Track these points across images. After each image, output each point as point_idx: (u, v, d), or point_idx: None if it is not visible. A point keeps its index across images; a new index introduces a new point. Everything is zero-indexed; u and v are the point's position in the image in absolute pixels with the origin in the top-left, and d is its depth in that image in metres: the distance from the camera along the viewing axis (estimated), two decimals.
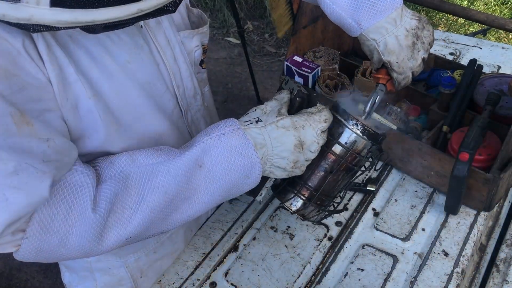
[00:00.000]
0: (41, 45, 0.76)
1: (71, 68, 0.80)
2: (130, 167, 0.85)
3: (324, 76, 1.42)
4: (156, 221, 0.87)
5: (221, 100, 3.56)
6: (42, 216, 0.77)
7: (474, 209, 1.20)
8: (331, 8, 0.98)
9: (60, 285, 1.47)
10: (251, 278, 1.09)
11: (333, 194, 1.02)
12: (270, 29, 4.22)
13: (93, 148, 0.89)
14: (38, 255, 0.80)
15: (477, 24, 3.58)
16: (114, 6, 0.65)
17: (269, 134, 0.88)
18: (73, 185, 0.80)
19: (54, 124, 0.79)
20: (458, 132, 1.23)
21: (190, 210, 0.89)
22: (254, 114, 0.91)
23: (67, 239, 0.80)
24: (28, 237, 0.77)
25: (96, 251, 0.84)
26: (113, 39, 0.85)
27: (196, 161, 0.86)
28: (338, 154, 0.96)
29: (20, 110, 0.72)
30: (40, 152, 0.74)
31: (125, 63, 0.87)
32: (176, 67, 0.99)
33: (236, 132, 0.87)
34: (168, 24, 0.96)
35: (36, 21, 0.63)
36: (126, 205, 0.83)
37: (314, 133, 0.89)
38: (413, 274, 1.07)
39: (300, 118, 0.89)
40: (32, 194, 0.73)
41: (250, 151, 0.87)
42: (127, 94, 0.89)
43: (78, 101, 0.82)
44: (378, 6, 0.95)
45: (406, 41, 0.97)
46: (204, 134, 0.89)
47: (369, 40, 0.98)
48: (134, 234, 0.85)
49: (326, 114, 0.91)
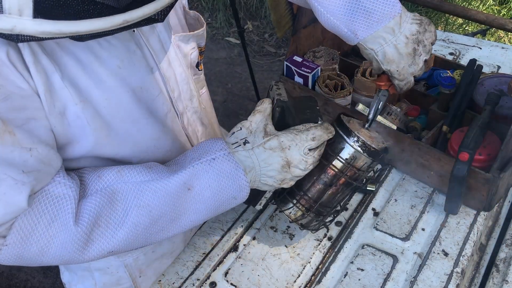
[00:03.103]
0: (27, 54, 0.75)
1: (56, 75, 0.79)
2: (117, 183, 0.86)
3: (324, 76, 1.42)
4: (140, 237, 0.88)
5: (221, 100, 3.56)
6: (23, 225, 0.78)
7: (474, 209, 1.20)
8: (325, 17, 0.95)
9: (60, 285, 1.47)
10: (251, 278, 1.09)
11: (332, 205, 1.03)
12: (270, 29, 4.22)
13: (83, 153, 0.89)
14: (18, 261, 0.81)
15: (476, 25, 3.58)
16: (98, 18, 0.64)
17: (257, 156, 0.89)
18: (56, 197, 0.81)
19: (38, 133, 0.79)
20: (458, 132, 1.23)
21: (175, 229, 0.91)
22: (240, 135, 0.91)
23: (47, 248, 0.81)
24: (7, 244, 0.78)
25: (77, 261, 0.85)
26: (103, 44, 0.84)
27: (185, 184, 0.87)
28: (338, 169, 0.97)
29: (2, 119, 0.72)
30: (21, 162, 0.75)
31: (116, 68, 0.87)
32: (171, 70, 0.98)
33: (226, 157, 0.89)
34: (163, 28, 0.95)
35: (19, 32, 0.62)
36: (110, 220, 0.84)
37: (301, 152, 0.89)
38: (413, 274, 1.07)
39: (286, 138, 0.89)
40: (10, 204, 0.75)
41: (240, 176, 0.89)
42: (118, 99, 0.88)
43: (65, 107, 0.82)
44: (374, 16, 0.91)
45: (406, 49, 0.94)
46: (194, 157, 0.90)
47: (367, 49, 0.95)
48: (117, 248, 0.86)
49: (315, 132, 0.90)
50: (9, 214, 0.75)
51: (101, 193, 0.84)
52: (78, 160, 0.91)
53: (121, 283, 1.16)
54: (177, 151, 1.05)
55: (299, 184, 0.99)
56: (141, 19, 0.69)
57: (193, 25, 1.10)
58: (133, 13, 0.67)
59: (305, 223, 1.02)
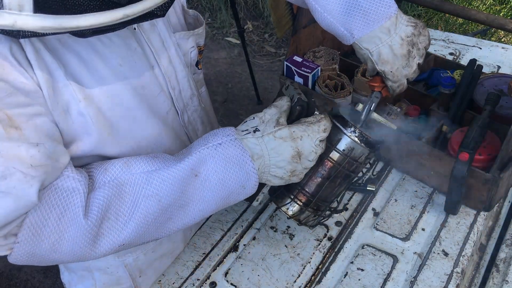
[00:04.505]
0: (29, 50, 0.76)
1: (60, 72, 0.80)
2: (124, 174, 0.85)
3: (324, 76, 1.42)
4: (151, 228, 0.87)
5: (221, 100, 3.56)
6: (34, 221, 0.78)
7: (474, 209, 1.20)
8: (322, 16, 0.95)
9: (60, 285, 1.47)
10: (251, 278, 1.09)
11: (330, 199, 1.03)
12: (270, 29, 4.22)
13: (86, 151, 0.89)
14: (30, 259, 0.81)
15: (476, 25, 3.58)
16: (98, 12, 0.65)
17: (267, 144, 0.88)
18: (64, 191, 0.80)
19: (44, 129, 0.79)
20: (458, 132, 1.23)
21: (185, 219, 0.90)
22: (252, 123, 0.91)
23: (58, 244, 0.80)
24: (19, 241, 0.78)
25: (89, 257, 0.84)
26: (105, 42, 0.85)
27: (192, 170, 0.86)
28: (336, 161, 0.97)
29: (8, 115, 0.72)
30: (28, 157, 0.74)
31: (117, 66, 0.87)
32: (171, 68, 0.99)
33: (233, 143, 0.88)
34: (163, 26, 0.96)
35: (20, 27, 0.63)
36: (120, 212, 0.84)
37: (312, 144, 0.89)
38: (413, 274, 1.07)
39: (298, 129, 0.89)
40: (20, 199, 0.74)
41: (247, 162, 0.88)
42: (119, 97, 0.88)
43: (69, 104, 0.82)
44: (371, 16, 0.92)
45: (401, 50, 0.94)
46: (200, 142, 0.89)
47: (362, 49, 0.95)
48: (128, 241, 0.85)
49: (326, 124, 0.91)
50: (20, 209, 0.74)
51: (109, 185, 0.84)
52: (81, 159, 0.90)
53: (121, 283, 1.16)
54: (178, 150, 1.05)
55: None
56: (142, 14, 0.69)
57: (192, 24, 1.10)
58: (134, 7, 0.67)
59: (302, 219, 1.02)
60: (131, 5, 0.67)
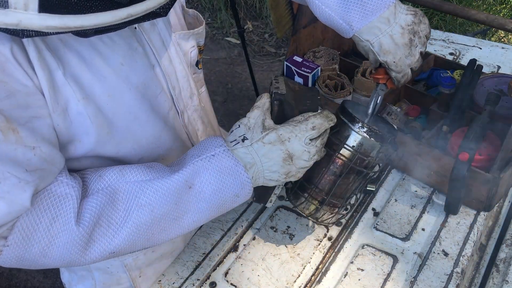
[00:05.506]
0: (31, 51, 0.75)
1: (59, 71, 0.79)
2: (118, 182, 0.85)
3: (324, 76, 1.42)
4: (142, 237, 0.87)
5: (221, 100, 3.56)
6: (25, 225, 0.78)
7: (474, 209, 1.20)
8: (320, 9, 0.95)
9: (60, 285, 1.47)
10: (251, 278, 1.09)
11: (345, 196, 1.01)
12: (270, 29, 4.22)
13: (85, 152, 0.89)
14: (20, 262, 0.81)
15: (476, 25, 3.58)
16: (103, 12, 0.65)
17: (257, 152, 0.88)
18: (57, 196, 0.80)
19: (41, 132, 0.79)
20: (458, 132, 1.23)
21: (178, 229, 0.90)
22: (238, 132, 0.91)
23: (48, 249, 0.80)
24: (9, 245, 0.77)
25: (79, 263, 0.84)
26: (106, 42, 0.85)
27: (186, 182, 0.87)
28: (346, 157, 0.95)
29: (6, 116, 0.72)
30: (24, 161, 0.74)
31: (119, 66, 0.87)
32: (171, 68, 0.99)
33: (226, 153, 0.88)
34: (163, 25, 0.96)
35: (25, 26, 0.63)
36: (112, 220, 0.84)
37: (302, 143, 0.88)
38: (413, 274, 1.07)
39: (285, 130, 0.88)
40: (13, 203, 0.74)
41: (241, 172, 0.88)
42: (121, 97, 0.88)
43: (68, 104, 0.82)
44: (369, 6, 0.91)
45: (402, 39, 0.94)
46: (194, 154, 0.90)
47: (363, 41, 0.95)
48: (118, 249, 0.85)
49: (314, 121, 0.90)
50: (12, 213, 0.75)
51: (103, 192, 0.84)
52: (80, 160, 0.90)
53: (121, 283, 1.16)
54: (178, 150, 1.05)
55: (309, 178, 0.97)
56: (145, 13, 0.69)
57: (192, 24, 1.10)
58: (137, 7, 0.68)
59: (319, 217, 1.01)
60: (135, 4, 0.67)
